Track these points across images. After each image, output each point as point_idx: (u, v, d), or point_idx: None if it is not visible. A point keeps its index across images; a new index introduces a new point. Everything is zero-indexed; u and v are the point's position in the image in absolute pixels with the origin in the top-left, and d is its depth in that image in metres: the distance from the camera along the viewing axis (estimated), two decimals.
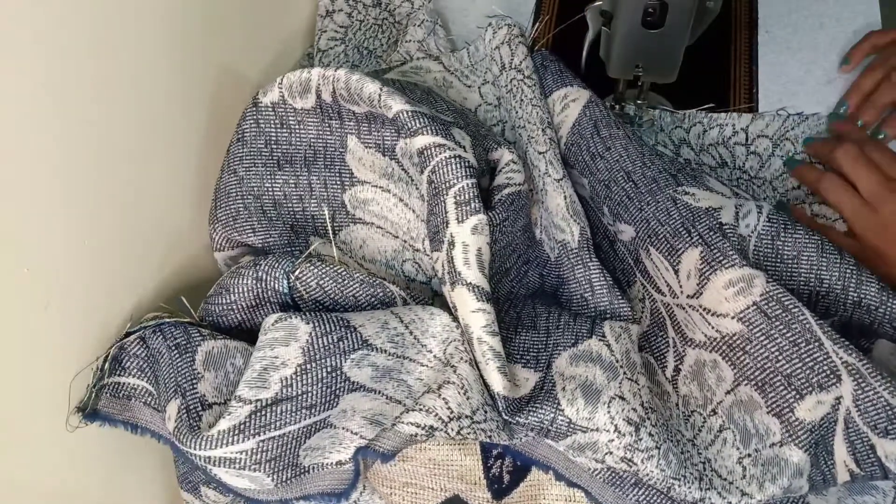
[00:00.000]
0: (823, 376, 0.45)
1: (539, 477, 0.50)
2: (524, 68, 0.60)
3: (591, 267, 0.54)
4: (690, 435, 0.50)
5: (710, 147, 0.64)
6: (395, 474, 0.51)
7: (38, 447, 0.45)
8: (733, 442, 0.48)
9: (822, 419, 0.45)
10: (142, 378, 0.49)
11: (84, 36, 0.44)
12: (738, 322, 0.48)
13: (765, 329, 0.47)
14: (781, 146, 0.63)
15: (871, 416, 0.44)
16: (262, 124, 0.56)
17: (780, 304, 0.46)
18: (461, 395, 0.46)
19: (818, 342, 0.45)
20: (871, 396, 0.44)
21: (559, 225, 0.55)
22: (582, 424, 0.46)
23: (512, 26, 0.62)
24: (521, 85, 0.60)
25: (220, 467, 0.43)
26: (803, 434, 0.46)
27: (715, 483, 0.48)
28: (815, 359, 0.45)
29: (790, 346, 0.46)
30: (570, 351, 0.50)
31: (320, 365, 0.45)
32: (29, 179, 0.42)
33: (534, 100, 0.59)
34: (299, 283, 0.49)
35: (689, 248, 0.50)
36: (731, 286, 0.47)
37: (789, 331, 0.46)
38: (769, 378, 0.47)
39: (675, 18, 0.53)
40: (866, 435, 0.44)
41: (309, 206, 0.57)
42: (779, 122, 0.63)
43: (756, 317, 0.47)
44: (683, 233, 0.50)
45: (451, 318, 0.49)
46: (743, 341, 0.48)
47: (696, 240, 0.49)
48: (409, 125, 0.50)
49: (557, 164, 0.56)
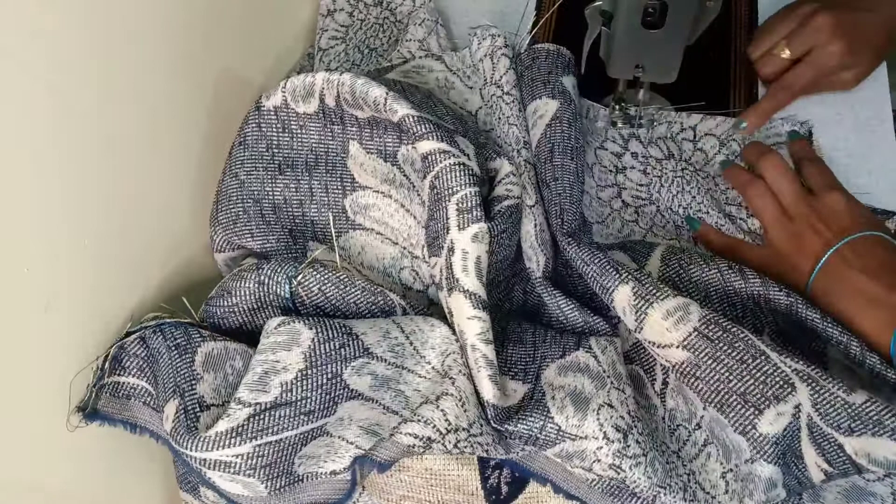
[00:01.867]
0: (778, 388, 0.45)
1: (538, 489, 0.50)
2: (503, 84, 0.60)
3: (556, 295, 0.54)
4: (675, 447, 0.51)
5: (659, 140, 0.65)
6: (392, 487, 0.51)
7: (38, 447, 0.45)
8: (717, 457, 0.49)
9: (786, 429, 0.46)
10: (141, 378, 0.49)
11: (85, 36, 0.44)
12: (684, 350, 0.48)
13: (710, 352, 0.47)
14: (728, 146, 0.63)
15: (833, 417, 0.44)
16: (264, 128, 0.56)
17: (720, 326, 0.47)
18: (459, 407, 0.46)
19: (764, 356, 0.46)
20: (828, 399, 0.44)
21: (527, 252, 0.55)
22: (571, 432, 0.46)
23: (496, 37, 0.61)
24: (500, 102, 0.60)
25: (215, 471, 0.43)
26: (769, 447, 0.46)
27: (698, 496, 0.48)
28: (766, 372, 0.46)
29: (738, 365, 0.46)
30: (558, 362, 0.50)
31: (321, 371, 0.45)
32: (29, 179, 0.42)
33: (511, 118, 0.59)
34: (301, 289, 0.49)
35: (619, 286, 0.50)
36: (670, 316, 0.48)
37: (733, 350, 0.47)
38: (726, 399, 0.47)
39: (675, 18, 0.53)
40: (832, 436, 0.44)
41: (309, 210, 0.57)
42: (728, 124, 0.64)
43: (699, 342, 0.47)
44: (611, 270, 0.50)
45: (450, 330, 0.49)
46: (692, 367, 0.48)
47: (625, 276, 0.50)
48: (414, 130, 0.50)
49: (531, 188, 0.56)
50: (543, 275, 0.54)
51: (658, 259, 0.55)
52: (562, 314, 0.54)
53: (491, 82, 0.61)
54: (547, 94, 0.59)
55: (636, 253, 0.56)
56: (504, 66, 0.60)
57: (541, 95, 0.59)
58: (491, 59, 0.61)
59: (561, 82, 0.59)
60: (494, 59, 0.61)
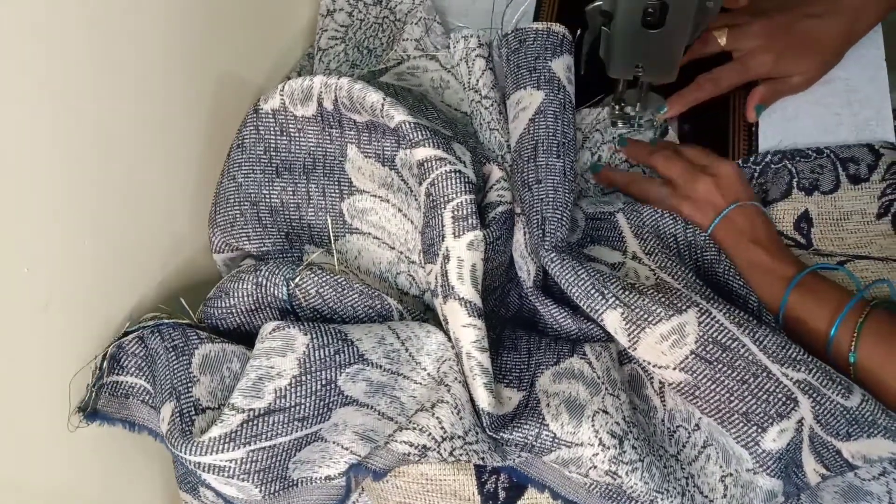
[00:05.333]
0: (781, 405, 0.45)
1: (536, 494, 0.50)
2: (481, 87, 0.59)
3: (548, 304, 0.52)
4: (674, 451, 0.50)
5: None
6: (388, 492, 0.51)
7: (38, 447, 0.45)
8: (716, 459, 0.49)
9: (789, 443, 0.45)
10: (139, 376, 0.49)
11: (85, 37, 0.44)
12: (681, 372, 0.47)
13: (709, 375, 0.46)
14: (591, 138, 0.63)
15: (832, 425, 0.44)
16: (261, 131, 0.56)
17: (718, 345, 0.46)
18: (454, 415, 0.46)
19: (766, 371, 0.45)
20: (828, 408, 0.44)
21: (517, 261, 0.54)
22: (566, 439, 0.46)
23: (468, 38, 0.60)
24: (479, 107, 0.59)
25: (210, 474, 0.43)
26: (773, 463, 0.46)
27: (697, 500, 0.48)
28: (768, 390, 0.45)
29: (739, 386, 0.46)
30: (553, 369, 0.49)
31: (315, 377, 0.45)
32: (29, 180, 0.42)
33: (492, 122, 0.58)
34: (299, 291, 0.49)
35: (607, 310, 0.48)
36: (664, 340, 0.47)
37: (733, 370, 0.46)
38: (727, 417, 0.47)
39: (675, 18, 0.52)
40: (831, 443, 0.44)
41: (306, 214, 0.57)
42: (593, 116, 0.64)
43: (697, 365, 0.46)
44: (596, 295, 0.48)
45: (446, 336, 0.49)
46: (691, 388, 0.48)
47: (612, 302, 0.48)
48: (411, 137, 0.49)
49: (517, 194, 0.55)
50: (535, 284, 0.52)
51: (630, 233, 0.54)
52: (555, 322, 0.53)
53: (469, 87, 0.60)
54: (532, 84, 0.55)
55: (611, 241, 0.55)
56: (480, 67, 0.59)
57: (525, 85, 0.55)
58: (466, 63, 0.60)
59: (549, 68, 0.55)
60: (469, 62, 0.60)
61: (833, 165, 0.58)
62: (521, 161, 0.53)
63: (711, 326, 0.46)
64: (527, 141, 0.54)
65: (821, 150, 0.59)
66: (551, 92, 0.54)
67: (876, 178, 0.56)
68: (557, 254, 0.50)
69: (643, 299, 0.47)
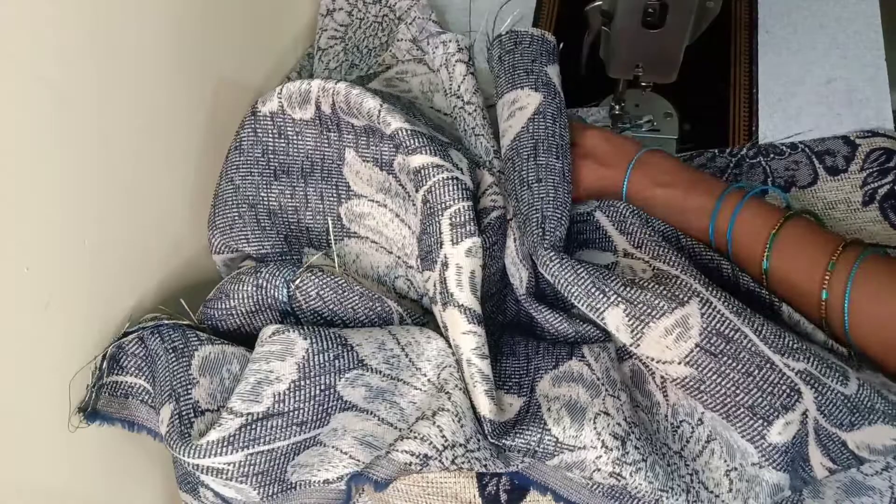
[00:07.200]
0: (785, 397, 0.45)
1: (538, 497, 0.50)
2: (463, 93, 0.58)
3: (542, 310, 0.52)
4: (678, 447, 0.50)
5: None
6: (389, 496, 0.51)
7: (38, 447, 0.45)
8: (720, 453, 0.49)
9: (795, 436, 0.45)
10: (139, 377, 0.49)
11: (85, 38, 0.44)
12: (686, 366, 0.47)
13: (714, 367, 0.46)
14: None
15: (836, 415, 0.44)
16: (259, 133, 0.56)
17: (722, 337, 0.46)
18: (455, 422, 0.46)
19: (770, 363, 0.45)
20: (830, 398, 0.44)
21: (509, 269, 0.54)
22: (569, 443, 0.46)
23: (447, 43, 0.59)
24: (462, 113, 0.58)
25: (208, 476, 0.43)
26: (778, 456, 0.46)
27: (702, 496, 0.48)
28: (772, 382, 0.45)
29: (744, 378, 0.46)
30: (552, 373, 0.49)
31: (314, 382, 0.45)
32: (29, 180, 0.42)
33: (476, 128, 0.57)
34: (299, 293, 0.49)
35: (609, 308, 0.48)
36: (669, 334, 0.47)
37: (738, 362, 0.46)
38: (733, 411, 0.47)
39: (675, 18, 0.53)
40: (836, 434, 0.44)
41: (304, 217, 0.57)
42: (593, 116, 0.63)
43: (702, 358, 0.46)
44: (598, 293, 0.48)
45: (446, 343, 0.49)
46: (696, 382, 0.47)
47: (614, 299, 0.48)
48: (408, 143, 0.49)
49: (505, 199, 0.54)
50: (527, 291, 0.52)
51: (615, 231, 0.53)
52: (551, 326, 0.52)
53: (451, 93, 0.59)
54: (529, 85, 0.54)
55: (599, 243, 0.55)
56: (461, 73, 0.58)
57: (522, 85, 0.55)
58: (446, 69, 0.59)
59: (546, 73, 0.55)
60: (449, 67, 0.59)
61: (809, 160, 0.59)
62: (520, 160, 0.53)
63: (714, 318, 0.46)
64: (526, 140, 0.53)
65: (795, 146, 0.59)
66: (549, 95, 0.54)
67: (854, 169, 0.58)
68: (556, 253, 0.50)
69: (645, 294, 0.47)
